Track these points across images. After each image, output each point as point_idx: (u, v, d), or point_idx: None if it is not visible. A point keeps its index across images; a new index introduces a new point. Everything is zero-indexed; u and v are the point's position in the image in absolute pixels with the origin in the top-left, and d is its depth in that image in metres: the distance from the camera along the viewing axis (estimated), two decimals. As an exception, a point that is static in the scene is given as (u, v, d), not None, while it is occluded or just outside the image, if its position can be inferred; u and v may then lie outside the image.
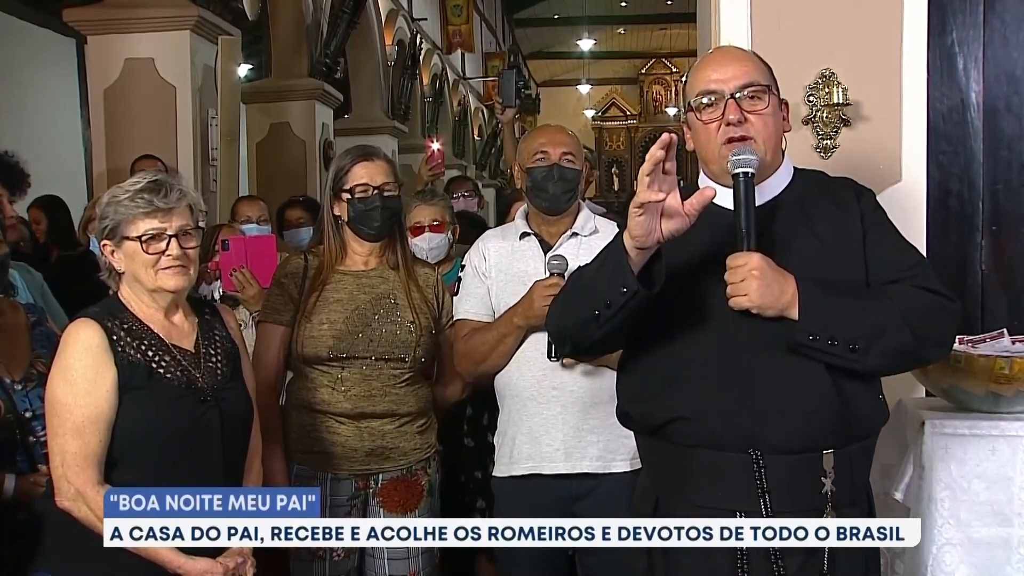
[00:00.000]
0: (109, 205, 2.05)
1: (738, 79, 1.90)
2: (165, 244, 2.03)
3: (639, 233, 1.70)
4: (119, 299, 2.10)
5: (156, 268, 2.04)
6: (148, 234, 2.03)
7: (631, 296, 1.74)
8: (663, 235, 1.72)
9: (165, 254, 2.03)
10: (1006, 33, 3.02)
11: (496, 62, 17.80)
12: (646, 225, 1.70)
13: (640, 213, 1.68)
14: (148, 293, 2.08)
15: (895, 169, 2.95)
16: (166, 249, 2.03)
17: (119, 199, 2.04)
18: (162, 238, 2.03)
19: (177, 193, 2.05)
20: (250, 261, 3.14)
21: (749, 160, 1.82)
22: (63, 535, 2.03)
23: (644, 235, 1.70)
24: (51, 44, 8.62)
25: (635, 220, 1.69)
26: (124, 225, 2.03)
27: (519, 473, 2.62)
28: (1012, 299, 3.03)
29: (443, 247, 3.47)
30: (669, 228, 1.72)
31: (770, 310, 1.78)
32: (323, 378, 2.58)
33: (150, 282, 2.06)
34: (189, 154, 6.01)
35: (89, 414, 1.97)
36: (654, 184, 1.67)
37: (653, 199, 1.67)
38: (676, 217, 1.71)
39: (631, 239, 1.72)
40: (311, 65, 8.63)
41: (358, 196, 2.60)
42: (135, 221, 2.03)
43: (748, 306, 1.78)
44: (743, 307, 1.79)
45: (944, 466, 2.41)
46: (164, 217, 2.03)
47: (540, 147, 2.70)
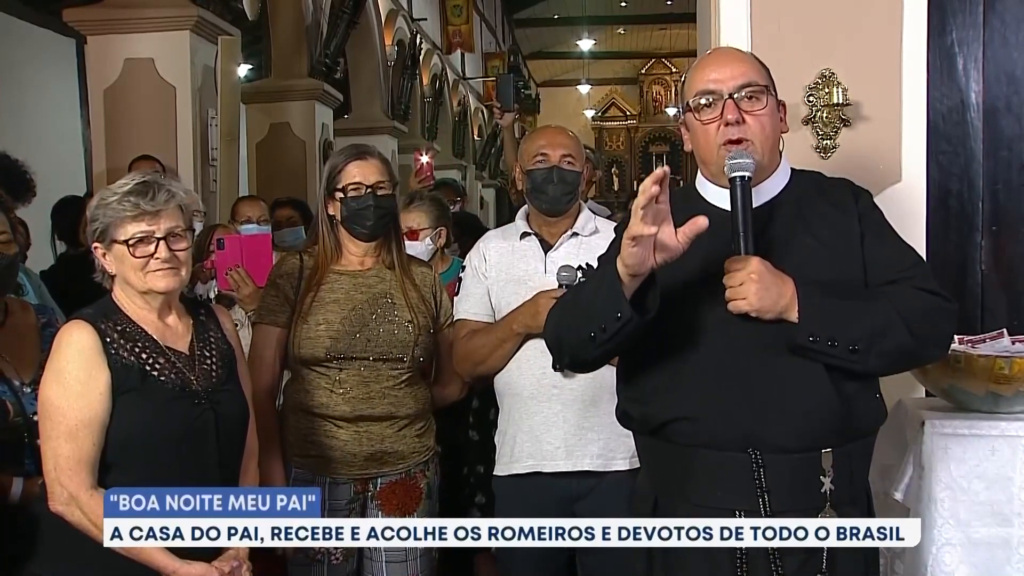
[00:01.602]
0: (98, 208, 2.04)
1: (736, 79, 1.90)
2: (153, 247, 2.02)
3: (632, 263, 1.72)
4: (113, 301, 2.10)
5: (145, 271, 2.03)
6: (135, 237, 2.02)
7: (625, 323, 1.76)
8: (656, 263, 1.73)
9: (153, 257, 2.02)
10: (1006, 33, 3.02)
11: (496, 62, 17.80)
12: (639, 256, 1.71)
13: (633, 245, 1.70)
14: (140, 295, 2.08)
15: (895, 169, 2.95)
16: (155, 252, 2.02)
17: (107, 202, 2.03)
18: (150, 241, 2.02)
19: (165, 194, 2.04)
20: (245, 260, 3.12)
21: (746, 164, 1.83)
22: (57, 539, 2.01)
23: (638, 264, 1.72)
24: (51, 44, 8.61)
25: (628, 251, 1.71)
26: (112, 228, 2.03)
27: (520, 472, 2.63)
28: (1012, 299, 3.03)
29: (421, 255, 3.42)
30: (662, 256, 1.73)
31: (769, 313, 1.79)
32: (321, 380, 2.57)
33: (140, 284, 2.05)
34: (189, 154, 6.00)
35: (82, 417, 1.96)
36: (647, 217, 1.68)
37: (646, 233, 1.67)
38: (669, 246, 1.72)
39: (624, 267, 1.73)
40: (311, 65, 8.63)
41: (351, 195, 2.59)
42: (122, 225, 2.02)
43: (747, 310, 1.79)
44: (742, 311, 1.79)
45: (944, 466, 2.42)
46: (152, 220, 2.02)
47: (540, 149, 2.70)
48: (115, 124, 6.04)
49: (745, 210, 1.82)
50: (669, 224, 1.71)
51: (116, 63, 6.06)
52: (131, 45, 6.05)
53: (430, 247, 3.46)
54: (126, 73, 6.06)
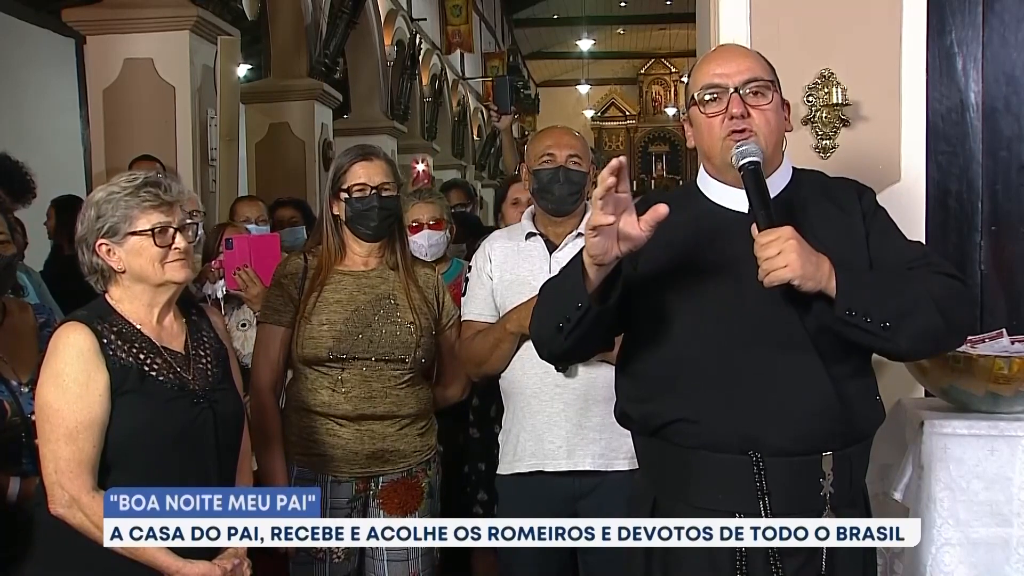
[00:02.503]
0: (107, 203, 2.02)
1: (742, 74, 1.90)
2: (171, 238, 2.03)
3: (596, 253, 1.72)
4: (107, 302, 2.08)
5: (164, 261, 2.03)
6: (158, 227, 2.02)
7: (584, 312, 1.76)
8: (621, 252, 1.73)
9: (172, 247, 2.03)
10: (1005, 33, 3.02)
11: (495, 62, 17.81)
12: (602, 246, 1.71)
13: (595, 235, 1.70)
14: (149, 291, 2.06)
15: (894, 169, 2.95)
16: (173, 242, 2.03)
17: (117, 196, 2.02)
18: (167, 231, 2.03)
19: (177, 187, 2.06)
20: (254, 260, 3.12)
21: (753, 150, 1.83)
22: (54, 543, 2.01)
23: (601, 254, 1.72)
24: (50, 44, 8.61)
25: (591, 241, 1.71)
26: (129, 221, 2.02)
27: (522, 471, 2.63)
28: (1011, 299, 3.03)
29: (442, 244, 3.47)
30: (626, 246, 1.72)
31: (810, 281, 1.74)
32: (323, 379, 2.58)
33: (157, 276, 2.04)
34: (188, 154, 6.00)
35: (82, 419, 1.95)
36: (607, 207, 1.68)
37: (605, 223, 1.68)
38: (632, 235, 1.71)
39: (589, 258, 1.74)
40: (310, 65, 8.63)
41: (356, 196, 2.59)
42: (143, 215, 2.01)
43: (790, 277, 1.73)
44: (783, 280, 1.73)
45: (943, 466, 2.41)
46: (169, 210, 2.03)
47: (546, 149, 2.70)
48: (114, 124, 6.03)
49: (761, 190, 1.80)
50: (631, 214, 1.70)
51: (115, 63, 6.06)
52: (130, 45, 6.05)
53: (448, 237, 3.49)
54: (125, 73, 6.06)
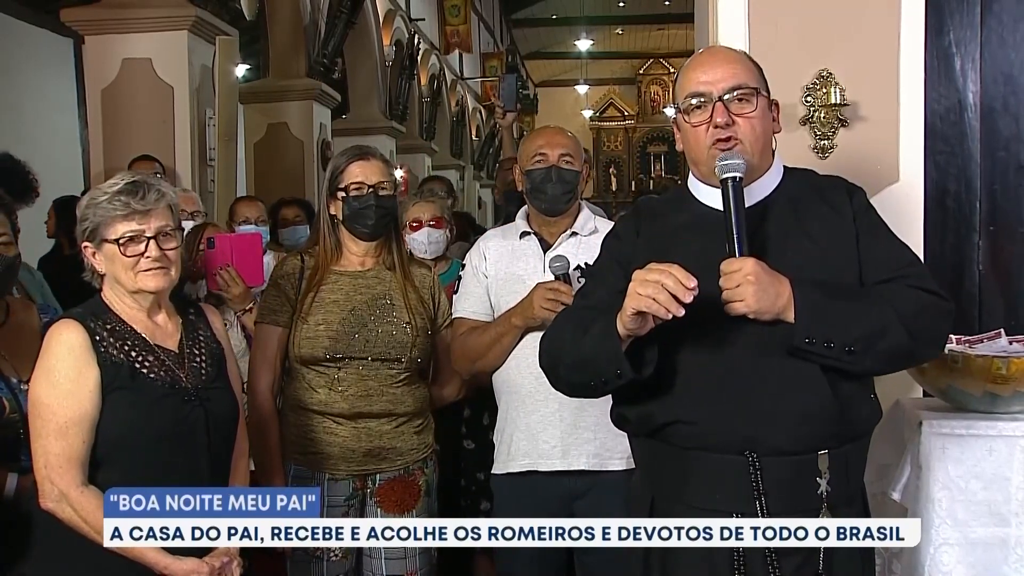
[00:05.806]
0: (88, 207, 2.05)
1: (726, 81, 1.89)
2: (144, 246, 2.03)
3: (633, 328, 1.75)
4: (102, 300, 2.10)
5: (135, 270, 2.04)
6: (126, 236, 2.03)
7: (624, 380, 1.80)
8: (653, 324, 1.76)
9: (144, 256, 2.03)
10: (1003, 34, 3.03)
11: (494, 62, 17.80)
12: (639, 321, 1.74)
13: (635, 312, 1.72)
14: (130, 294, 2.09)
15: (892, 169, 2.95)
16: (145, 251, 2.03)
17: (98, 201, 2.04)
18: (140, 240, 2.03)
19: (155, 194, 2.05)
20: (235, 259, 3.08)
21: (736, 165, 1.83)
22: (50, 540, 2.02)
23: (637, 328, 1.75)
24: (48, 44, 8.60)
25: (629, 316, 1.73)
26: (103, 228, 2.03)
27: (516, 470, 2.63)
28: (1009, 299, 3.03)
29: (442, 243, 3.48)
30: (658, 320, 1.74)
31: (767, 314, 1.79)
32: (320, 379, 2.58)
33: (130, 284, 2.06)
34: (187, 154, 6.00)
35: (72, 415, 1.97)
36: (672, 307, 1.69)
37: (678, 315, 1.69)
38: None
39: (624, 329, 1.76)
40: (309, 65, 8.63)
41: (353, 195, 2.60)
42: (113, 224, 2.03)
43: (744, 311, 1.78)
44: (739, 313, 1.79)
45: (941, 466, 2.42)
46: (142, 219, 2.03)
47: (538, 149, 2.71)
48: (113, 124, 6.03)
49: (738, 211, 1.82)
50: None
51: (114, 63, 6.06)
52: (129, 45, 6.04)
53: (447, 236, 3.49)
54: (124, 73, 6.06)
